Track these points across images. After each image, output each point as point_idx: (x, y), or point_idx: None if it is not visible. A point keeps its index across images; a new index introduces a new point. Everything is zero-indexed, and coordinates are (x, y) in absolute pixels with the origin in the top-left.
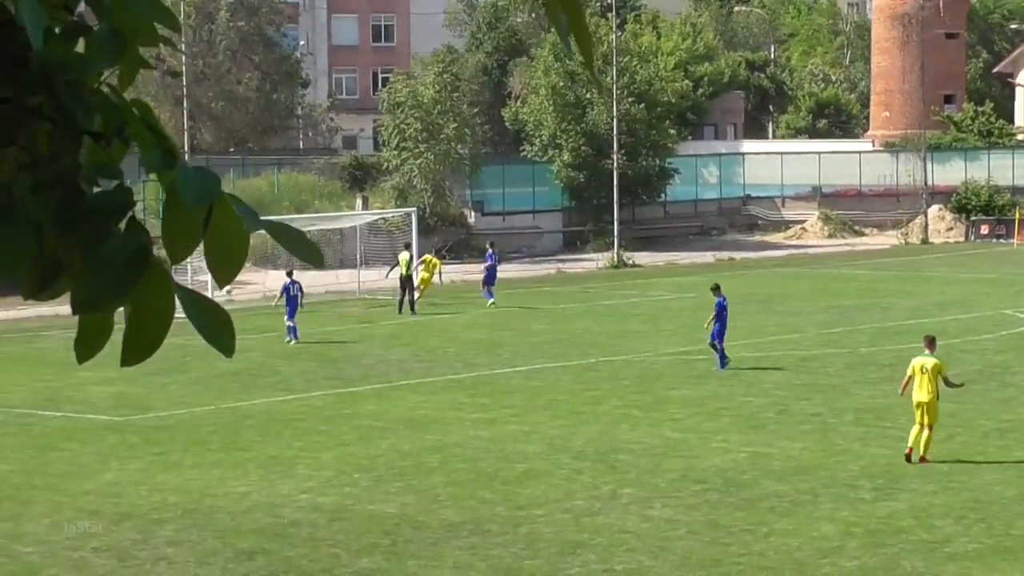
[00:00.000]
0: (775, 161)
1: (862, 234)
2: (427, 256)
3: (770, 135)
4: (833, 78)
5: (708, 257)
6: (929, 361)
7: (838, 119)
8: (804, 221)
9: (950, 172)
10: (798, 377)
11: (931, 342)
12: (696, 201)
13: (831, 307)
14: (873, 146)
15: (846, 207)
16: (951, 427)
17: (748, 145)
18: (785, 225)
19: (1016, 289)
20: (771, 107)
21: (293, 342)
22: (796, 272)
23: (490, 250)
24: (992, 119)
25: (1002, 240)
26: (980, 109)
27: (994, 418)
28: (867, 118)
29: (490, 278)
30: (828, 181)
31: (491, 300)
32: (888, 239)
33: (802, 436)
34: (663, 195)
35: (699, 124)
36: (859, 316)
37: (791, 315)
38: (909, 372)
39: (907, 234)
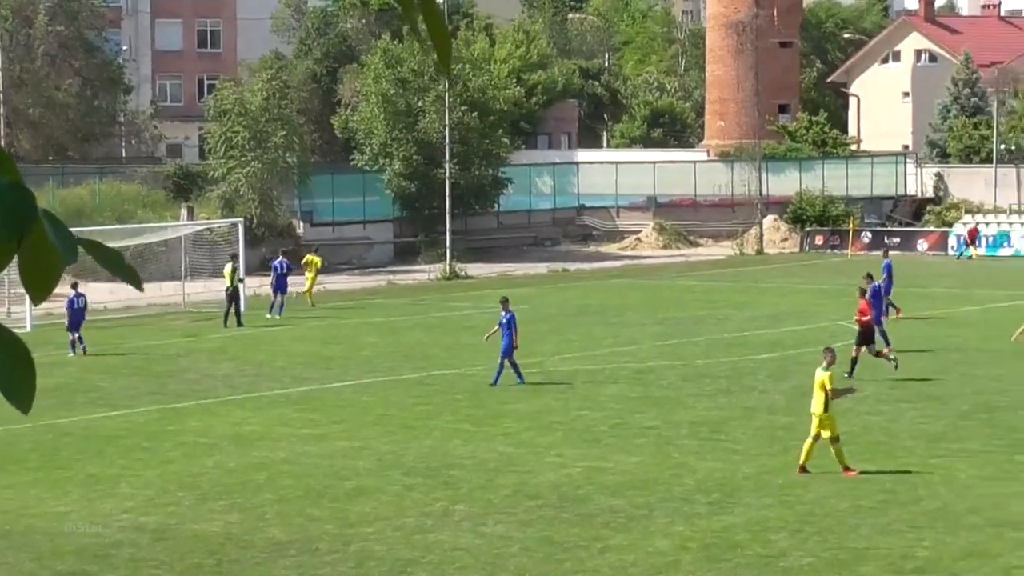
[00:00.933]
0: (610, 171)
1: (697, 245)
2: (308, 256)
3: (604, 144)
4: (668, 87)
5: (542, 268)
6: (819, 374)
7: (673, 128)
8: (639, 232)
9: (785, 182)
10: (633, 390)
11: (832, 355)
12: (530, 211)
13: (666, 319)
14: (708, 156)
15: (681, 217)
16: (787, 439)
17: (582, 154)
18: (620, 236)
19: (850, 300)
20: (606, 116)
21: (71, 355)
22: (631, 283)
23: (280, 258)
24: (826, 129)
25: (836, 251)
26: (814, 119)
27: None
28: (702, 127)
29: (280, 285)
30: (663, 191)
31: (275, 314)
32: (723, 250)
33: (637, 450)
34: (496, 205)
35: (533, 133)
36: (694, 328)
37: (626, 327)
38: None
39: (742, 245)
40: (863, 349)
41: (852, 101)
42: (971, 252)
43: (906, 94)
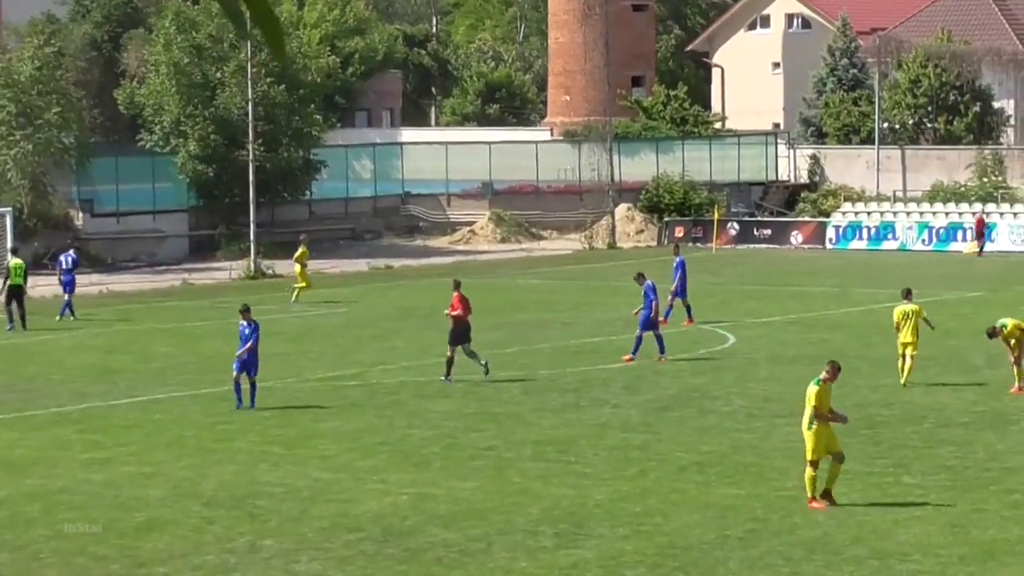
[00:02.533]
0: (439, 152)
1: (540, 237)
2: (301, 250)
3: (433, 122)
4: (505, 56)
5: (362, 265)
6: (811, 390)
7: (511, 104)
8: (473, 223)
9: (640, 166)
10: (468, 405)
11: (835, 369)
12: (347, 199)
13: (505, 323)
14: (552, 135)
15: (521, 206)
16: (643, 461)
17: (407, 134)
18: (451, 227)
19: (716, 300)
20: (434, 89)
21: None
22: (465, 282)
23: (70, 252)
24: (686, 104)
25: (699, 244)
26: (673, 93)
27: (692, 450)
28: (544, 103)
29: (67, 285)
30: (500, 176)
31: (66, 315)
32: (570, 243)
33: (473, 474)
34: (308, 192)
35: (350, 109)
36: (537, 333)
37: None
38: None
39: (591, 237)
40: (458, 348)
41: (715, 73)
42: (970, 247)
43: (776, 65)
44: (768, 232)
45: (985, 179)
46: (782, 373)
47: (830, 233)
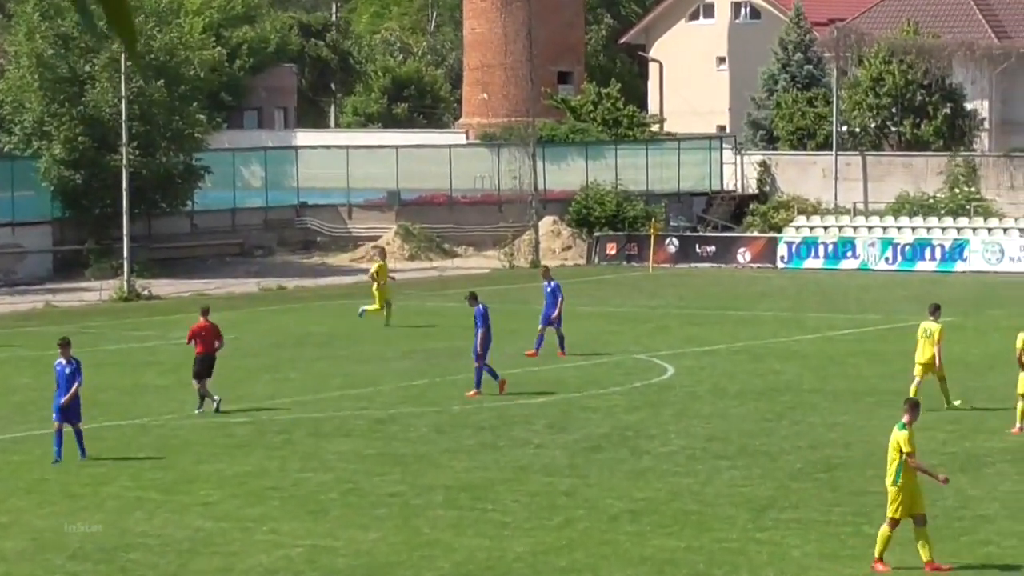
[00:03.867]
0: (339, 158)
1: (454, 255)
2: (379, 264)
3: (332, 123)
4: (414, 48)
5: (251, 285)
6: (898, 436)
7: (421, 103)
8: (378, 238)
9: (567, 173)
10: (371, 445)
11: (913, 408)
12: (234, 210)
13: (415, 352)
14: (467, 139)
15: (433, 219)
16: (569, 509)
17: (303, 136)
18: (353, 243)
19: (652, 326)
20: (333, 86)
21: None
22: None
23: None
24: (620, 104)
25: (633, 262)
26: (604, 91)
27: (625, 496)
28: (459, 102)
29: None
30: (409, 185)
31: None
32: (488, 261)
33: (376, 524)
34: (190, 202)
35: (238, 108)
36: (451, 364)
37: (362, 362)
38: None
39: (512, 255)
40: (204, 383)
41: (653, 68)
42: None
43: (722, 60)
44: (712, 249)
45: (956, 190)
46: (727, 409)
47: (782, 250)
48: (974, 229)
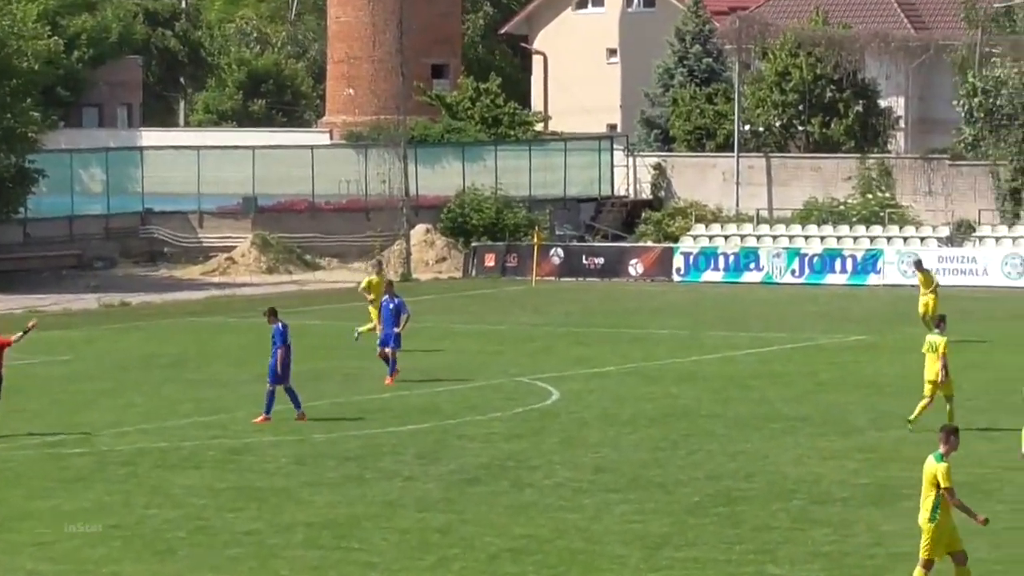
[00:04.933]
0: (189, 160)
1: (316, 267)
2: (371, 278)
3: (181, 121)
4: (273, 39)
5: (91, 301)
6: (935, 468)
7: (280, 99)
8: (232, 248)
9: (442, 177)
10: (223, 478)
11: (949, 435)
12: (72, 218)
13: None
14: (331, 139)
15: (293, 228)
16: (444, 547)
17: (149, 136)
18: (204, 254)
19: (536, 346)
20: (183, 80)
21: None
22: (222, 323)
23: None
24: (500, 101)
25: (515, 276)
26: (483, 86)
27: (505, 533)
28: (322, 98)
29: None
30: (266, 189)
31: None
32: (354, 274)
33: (230, 565)
34: (23, 209)
35: (76, 104)
36: (312, 388)
37: (214, 386)
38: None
39: (382, 266)
40: None
41: (536, 62)
42: None
43: (612, 52)
44: (601, 261)
45: (870, 195)
46: (618, 437)
47: (678, 262)
48: (889, 238)
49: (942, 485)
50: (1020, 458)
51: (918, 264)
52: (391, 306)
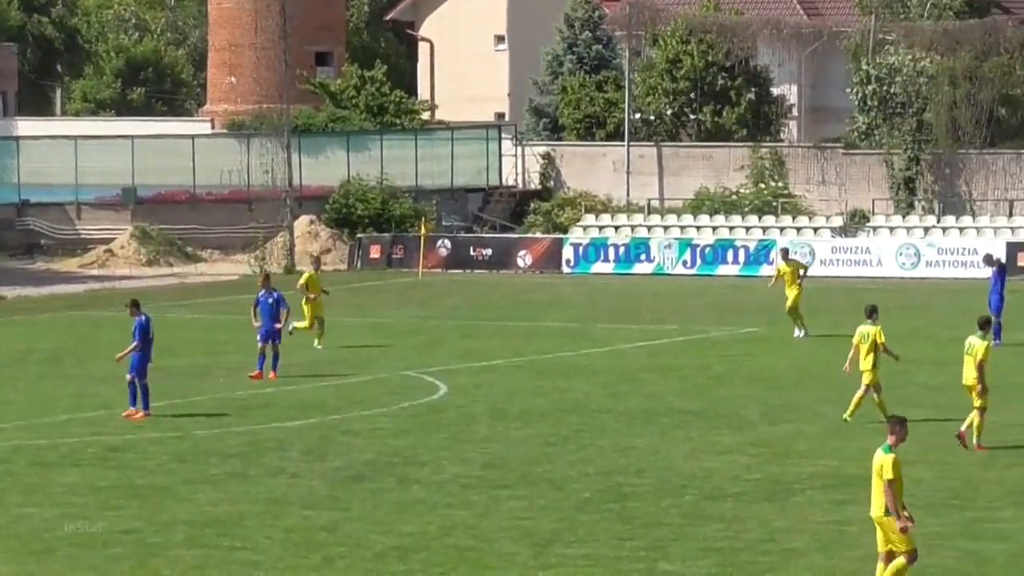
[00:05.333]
0: (66, 149)
1: (198, 259)
2: (309, 273)
3: (58, 110)
4: (152, 26)
5: None
6: (881, 460)
7: (160, 87)
8: (111, 240)
9: (326, 167)
10: (103, 476)
11: (895, 426)
12: None
13: (152, 370)
14: (213, 128)
15: (174, 219)
16: (329, 546)
17: (25, 125)
18: (82, 246)
19: (423, 339)
20: (60, 68)
21: None
22: (100, 317)
23: None
24: (385, 89)
25: (402, 268)
26: (368, 74)
27: (392, 531)
28: (203, 86)
29: None
30: (146, 180)
31: None
32: (237, 266)
33: (110, 565)
34: None
35: None
36: (195, 383)
37: (93, 382)
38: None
39: (264, 259)
40: None
41: (422, 49)
42: None
43: (500, 39)
44: (489, 252)
45: (762, 185)
46: (507, 432)
47: (567, 253)
48: (782, 229)
49: (884, 476)
50: (977, 448)
51: (785, 253)
52: (270, 300)
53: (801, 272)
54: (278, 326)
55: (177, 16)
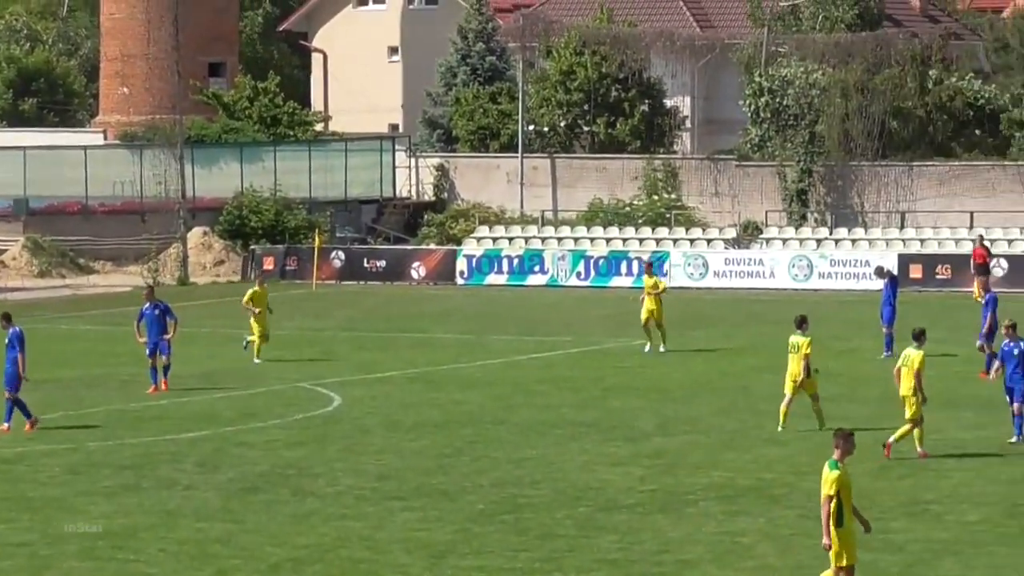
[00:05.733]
0: None
1: (90, 270)
2: (254, 290)
3: None
4: (44, 36)
5: None
6: (827, 475)
7: (52, 98)
8: (2, 252)
9: (219, 178)
10: None
11: (841, 439)
12: None
13: (45, 381)
14: (105, 139)
15: (66, 230)
16: (224, 558)
17: None
18: None
19: (316, 351)
20: None
21: None
22: None
23: None
24: (279, 100)
25: (296, 279)
26: (261, 85)
27: (287, 543)
28: (96, 97)
29: None
30: (38, 191)
31: None
32: (130, 278)
33: None
34: None
35: None
36: (88, 394)
37: None
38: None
39: (157, 270)
40: None
41: (316, 60)
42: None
43: (394, 50)
44: (383, 264)
45: (656, 197)
46: (401, 443)
47: (461, 265)
48: (675, 241)
49: (823, 491)
50: (922, 455)
51: (649, 267)
52: (156, 312)
53: (660, 288)
54: (167, 337)
55: (69, 27)
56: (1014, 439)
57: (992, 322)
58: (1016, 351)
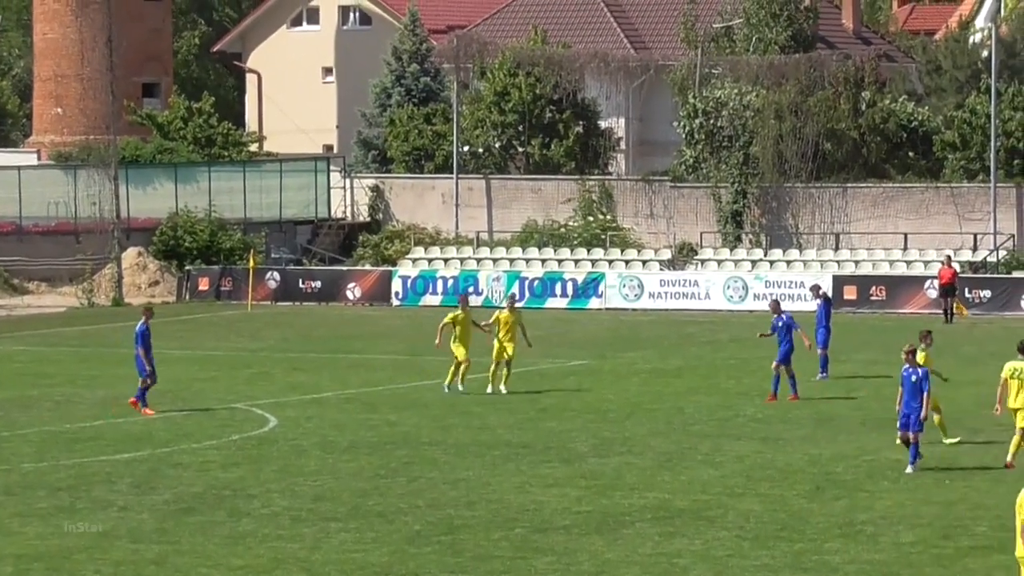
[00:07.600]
0: None
1: (25, 291)
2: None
3: None
4: None
5: None
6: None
7: None
8: None
9: (154, 199)
10: None
11: None
12: None
13: None
14: (39, 159)
15: (0, 251)
16: None
17: None
18: None
19: (251, 372)
20: None
21: None
22: None
23: None
24: (213, 120)
25: (231, 300)
26: (196, 105)
27: (222, 564)
28: (29, 117)
29: None
30: None
31: None
32: (64, 298)
33: None
34: None
35: None
36: (21, 415)
37: None
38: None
39: (92, 291)
40: None
41: (250, 80)
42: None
43: (328, 71)
44: (318, 285)
45: (591, 218)
46: (337, 464)
47: (396, 286)
48: (610, 262)
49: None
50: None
51: (512, 300)
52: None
53: (520, 325)
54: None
55: (1, 46)
56: (909, 470)
57: None
58: (913, 377)
